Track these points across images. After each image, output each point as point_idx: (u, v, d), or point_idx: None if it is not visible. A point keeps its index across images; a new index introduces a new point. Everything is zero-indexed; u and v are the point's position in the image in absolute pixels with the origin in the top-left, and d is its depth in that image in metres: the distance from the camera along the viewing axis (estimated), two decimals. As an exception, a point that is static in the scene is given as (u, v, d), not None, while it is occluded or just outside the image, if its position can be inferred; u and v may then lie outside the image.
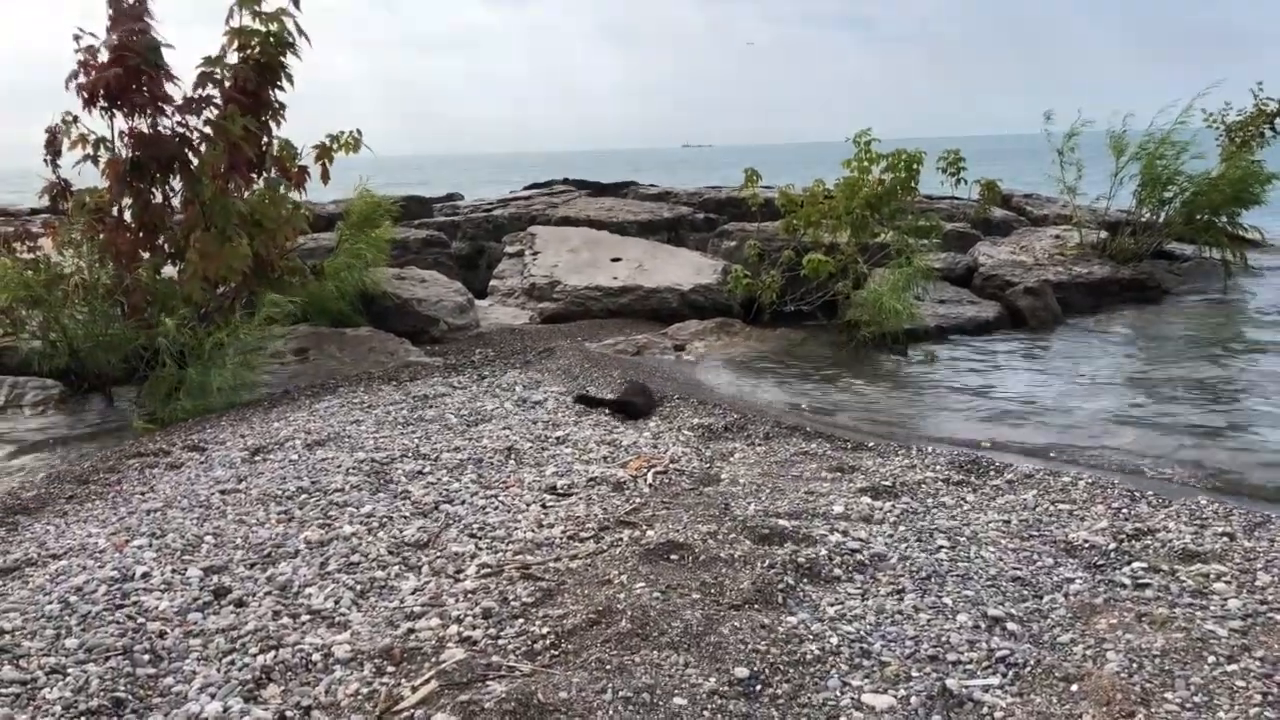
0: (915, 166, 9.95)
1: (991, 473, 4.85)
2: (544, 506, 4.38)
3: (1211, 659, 2.89)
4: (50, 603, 3.40)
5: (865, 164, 9.96)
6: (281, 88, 7.80)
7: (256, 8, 7.44)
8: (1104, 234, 12.07)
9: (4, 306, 7.23)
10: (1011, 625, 3.15)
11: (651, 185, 15.51)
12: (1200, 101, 12.13)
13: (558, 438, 5.54)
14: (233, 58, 7.53)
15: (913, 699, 2.73)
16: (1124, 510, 4.23)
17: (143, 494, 4.85)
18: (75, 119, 7.26)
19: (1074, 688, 2.76)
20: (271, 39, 7.52)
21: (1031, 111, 12.37)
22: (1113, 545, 3.79)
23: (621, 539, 3.93)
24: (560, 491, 4.59)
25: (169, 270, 7.76)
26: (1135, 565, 3.61)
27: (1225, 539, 3.86)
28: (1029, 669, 2.87)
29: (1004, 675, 2.85)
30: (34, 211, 13.18)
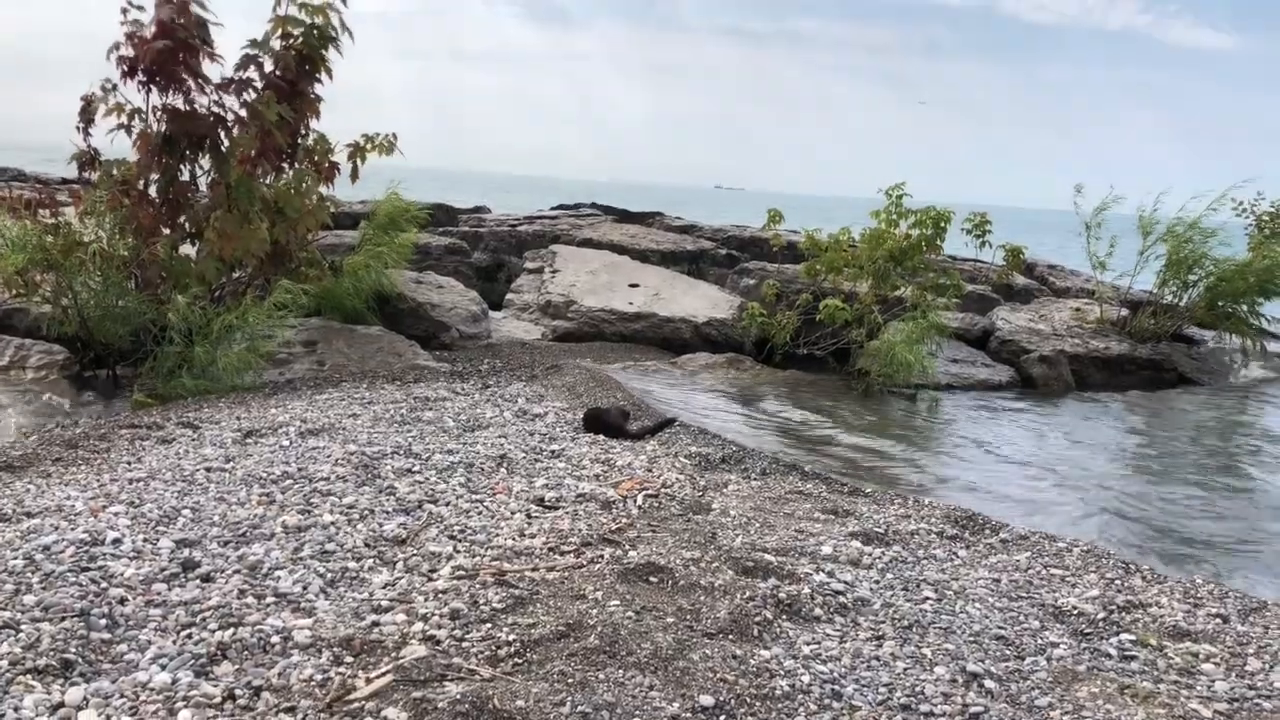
0: (943, 225, 9.92)
1: (986, 530, 4.75)
2: (529, 516, 4.31)
3: (1192, 738, 2.79)
4: (15, 558, 3.34)
5: (894, 217, 9.94)
6: (320, 80, 7.83)
7: (303, -1, 7.49)
8: (1125, 311, 11.97)
9: (20, 268, 7.22)
10: (989, 683, 3.06)
11: (678, 217, 15.51)
12: (1234, 192, 12.08)
13: (552, 451, 5.47)
14: (275, 44, 7.56)
15: (879, 746, 2.64)
16: (1117, 581, 4.13)
17: (129, 463, 4.81)
18: (114, 87, 7.27)
19: (1046, 752, 2.66)
20: (315, 31, 7.56)
21: (1062, 189, 12.31)
22: (1102, 614, 3.69)
23: (602, 556, 3.85)
24: (547, 504, 4.52)
25: (188, 249, 7.77)
26: (1123, 637, 3.51)
27: (1218, 620, 3.76)
28: (1002, 728, 2.78)
29: (976, 732, 2.76)
30: (65, 181, 13.28)
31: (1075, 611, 3.72)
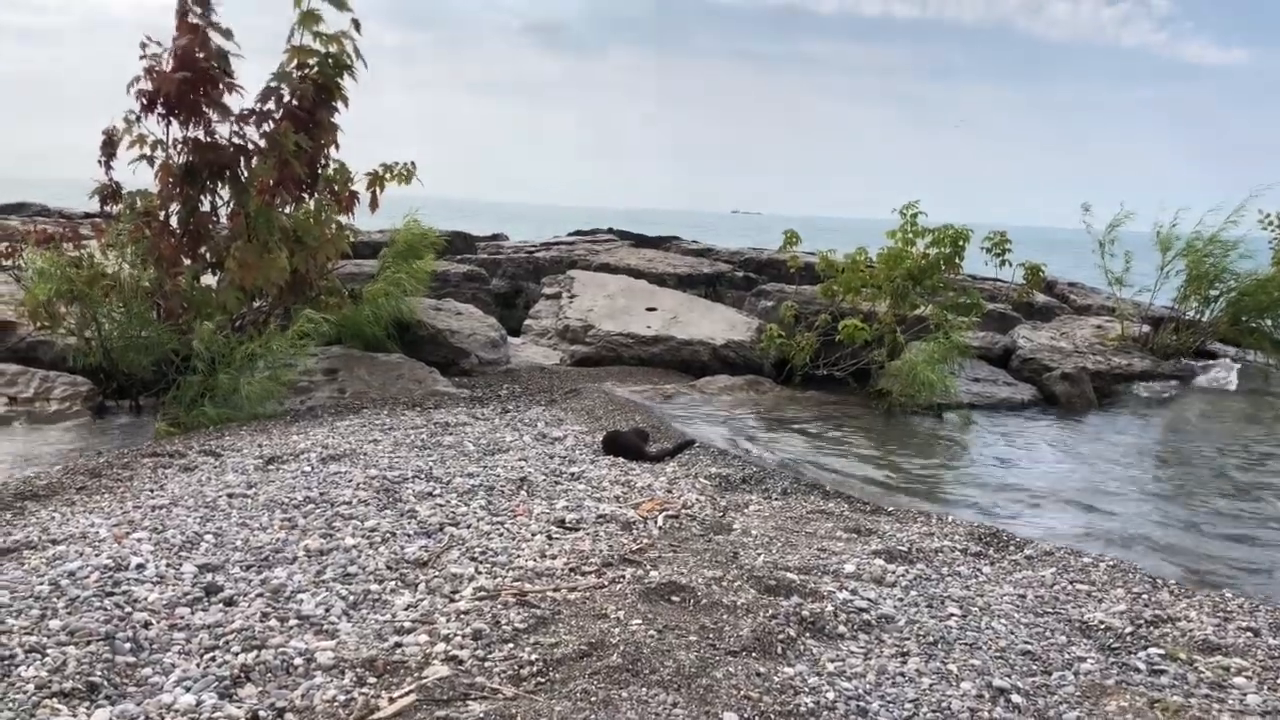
0: (961, 243, 9.91)
1: (1011, 547, 4.71)
2: (549, 538, 4.30)
3: (1225, 752, 2.75)
4: (41, 584, 3.37)
5: (910, 236, 9.93)
6: (337, 109, 7.90)
7: (317, 28, 7.56)
8: (1146, 328, 11.91)
9: (44, 300, 7.30)
10: (1016, 698, 3.02)
11: (694, 241, 15.55)
12: (1255, 202, 11.97)
13: (572, 474, 5.47)
14: (293, 74, 7.64)
15: (906, 762, 2.61)
16: (1144, 596, 4.09)
17: (151, 491, 4.84)
18: (138, 118, 7.35)
19: (1076, 767, 2.63)
20: (330, 60, 7.64)
21: (1076, 207, 12.22)
22: (1129, 629, 3.65)
23: (624, 576, 3.84)
24: (568, 525, 4.52)
25: (209, 280, 7.84)
26: (1152, 651, 3.46)
27: (1249, 634, 3.71)
28: (1031, 743, 2.74)
29: (1004, 747, 2.72)
30: (87, 215, 13.45)
31: (1102, 626, 3.68)
